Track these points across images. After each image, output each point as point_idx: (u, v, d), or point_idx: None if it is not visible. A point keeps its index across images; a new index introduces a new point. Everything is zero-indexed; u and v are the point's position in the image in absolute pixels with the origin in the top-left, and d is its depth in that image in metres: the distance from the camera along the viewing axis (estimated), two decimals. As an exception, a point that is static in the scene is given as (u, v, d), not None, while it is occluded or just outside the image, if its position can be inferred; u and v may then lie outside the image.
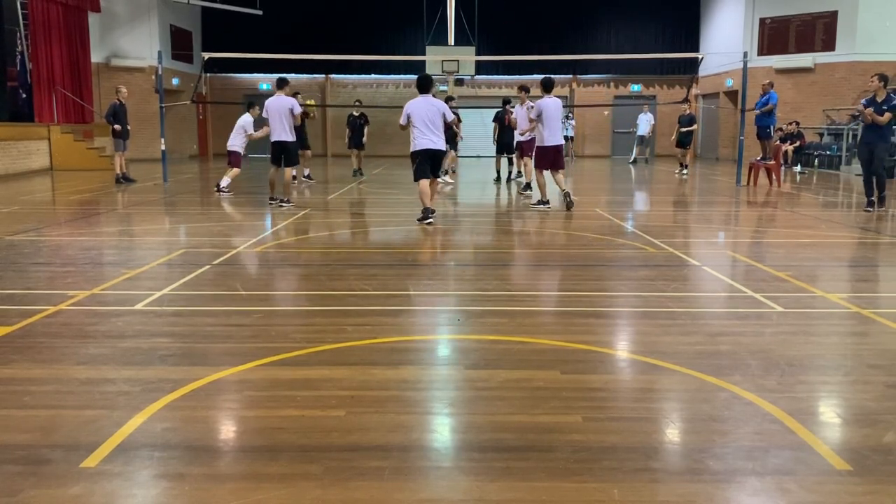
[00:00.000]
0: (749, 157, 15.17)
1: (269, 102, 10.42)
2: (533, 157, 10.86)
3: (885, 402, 3.23)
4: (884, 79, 9.84)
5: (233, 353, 3.87)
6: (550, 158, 10.34)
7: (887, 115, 9.74)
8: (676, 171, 17.89)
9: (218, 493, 2.42)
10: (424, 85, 8.87)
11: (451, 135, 16.31)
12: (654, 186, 15.17)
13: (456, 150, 16.45)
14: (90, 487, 2.44)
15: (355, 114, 16.88)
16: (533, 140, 11.42)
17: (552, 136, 10.21)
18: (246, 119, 12.26)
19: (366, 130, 17.11)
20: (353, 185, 14.92)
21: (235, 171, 12.53)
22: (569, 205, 10.23)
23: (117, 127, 14.44)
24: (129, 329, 4.30)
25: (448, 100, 17.13)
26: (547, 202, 10.48)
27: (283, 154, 10.56)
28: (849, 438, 2.89)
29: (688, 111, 18.01)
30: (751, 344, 4.05)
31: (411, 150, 8.84)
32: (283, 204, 10.52)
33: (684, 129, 18.09)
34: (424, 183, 8.80)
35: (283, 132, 10.38)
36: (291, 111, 10.32)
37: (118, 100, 14.71)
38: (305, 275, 6.15)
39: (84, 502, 2.36)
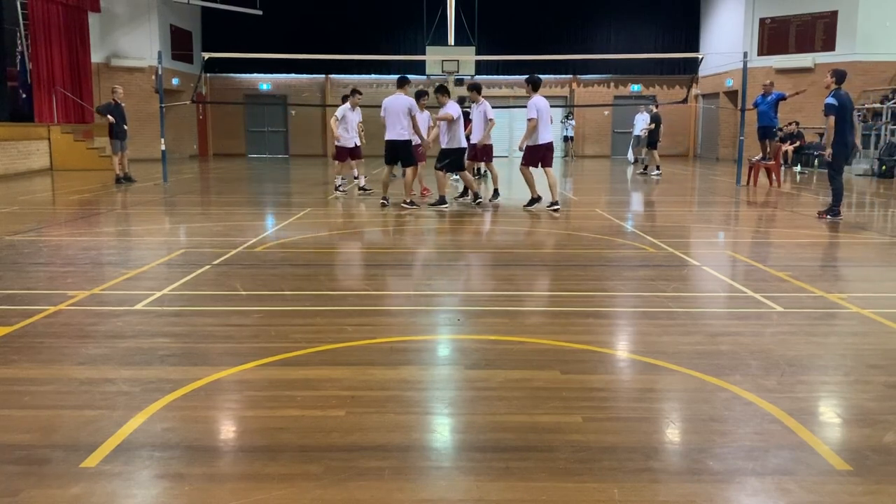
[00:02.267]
0: (749, 157, 15.19)
1: (386, 101, 10.14)
2: (523, 156, 10.56)
3: (885, 402, 3.23)
4: (836, 74, 9.15)
5: (233, 353, 3.87)
6: (541, 156, 10.24)
7: (830, 121, 8.92)
8: (654, 173, 17.60)
9: (218, 493, 2.42)
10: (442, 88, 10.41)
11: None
12: (653, 186, 15.16)
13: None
14: (90, 487, 2.44)
15: None
16: (489, 146, 11.46)
17: (546, 133, 10.15)
18: (344, 108, 11.92)
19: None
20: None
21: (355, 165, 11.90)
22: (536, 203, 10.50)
23: (111, 118, 14.31)
24: (129, 329, 4.30)
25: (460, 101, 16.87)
26: (539, 198, 10.43)
27: (396, 154, 10.31)
28: (849, 438, 2.89)
29: (654, 110, 18.05)
30: (751, 344, 4.05)
31: (452, 146, 10.43)
32: (405, 206, 10.27)
33: (647, 128, 18.15)
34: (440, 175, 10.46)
35: (397, 131, 10.08)
36: (409, 111, 10.02)
37: (113, 100, 14.64)
38: (305, 275, 6.15)
39: (84, 502, 2.36)
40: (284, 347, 3.92)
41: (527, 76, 10.35)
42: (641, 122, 21.62)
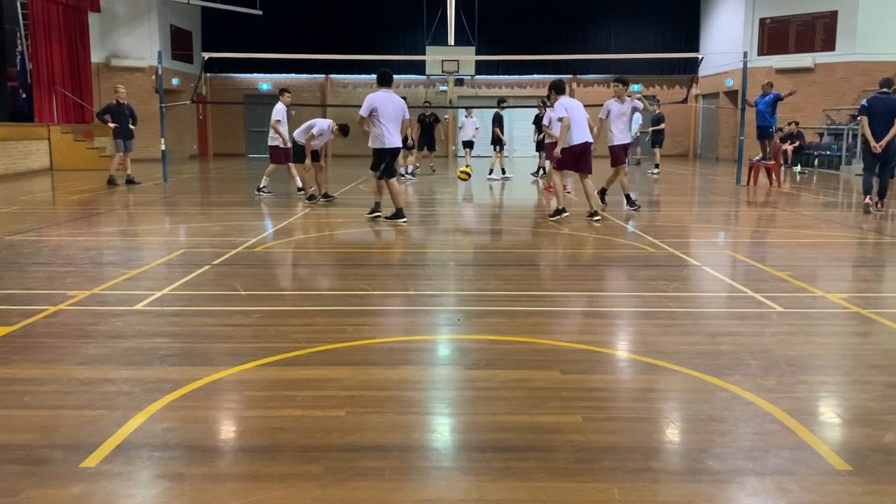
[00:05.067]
0: (749, 157, 15.19)
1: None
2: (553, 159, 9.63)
3: (885, 402, 3.23)
4: (882, 81, 10.08)
5: (233, 353, 3.87)
6: (576, 158, 9.32)
7: (861, 120, 9.91)
8: (650, 171, 18.05)
9: (218, 493, 2.42)
10: (387, 79, 8.95)
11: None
12: (652, 187, 15.16)
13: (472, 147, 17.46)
14: (90, 487, 2.44)
15: (426, 113, 17.32)
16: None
17: (580, 132, 9.15)
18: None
19: (439, 129, 17.48)
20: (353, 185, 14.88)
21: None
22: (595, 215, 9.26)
23: (112, 125, 14.28)
24: (129, 329, 4.30)
25: (500, 102, 17.07)
26: (564, 210, 9.40)
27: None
28: (849, 438, 2.88)
29: (657, 110, 18.24)
30: (751, 344, 4.05)
31: (381, 146, 8.87)
32: (307, 201, 11.51)
33: (653, 129, 18.44)
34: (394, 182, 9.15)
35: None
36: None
37: (116, 100, 14.61)
38: (305, 275, 6.15)
39: (84, 502, 2.36)
40: (284, 347, 3.92)
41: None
42: (633, 123, 21.67)
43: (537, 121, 16.37)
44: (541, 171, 15.90)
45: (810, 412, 3.15)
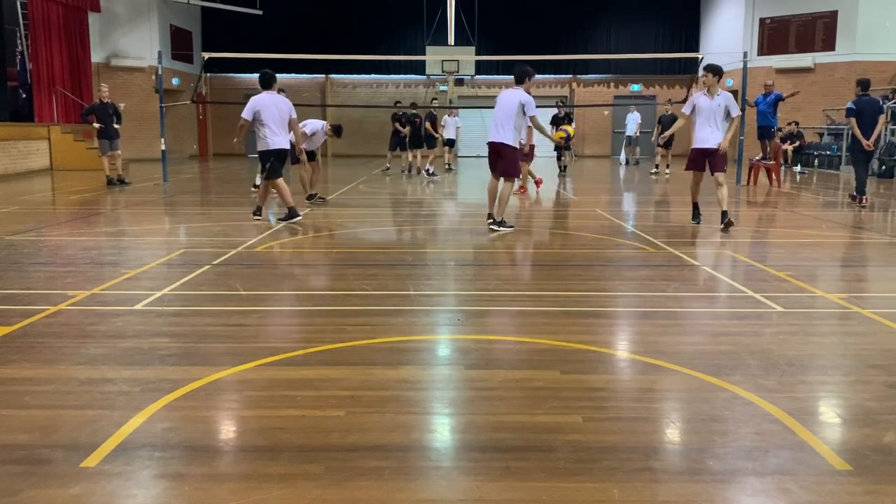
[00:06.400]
0: (749, 157, 15.20)
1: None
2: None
3: (885, 402, 3.23)
4: (859, 83, 10.87)
5: (233, 353, 3.87)
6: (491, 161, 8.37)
7: (851, 121, 10.79)
8: (652, 172, 17.98)
9: (218, 493, 2.42)
10: (269, 81, 8.73)
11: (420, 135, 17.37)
12: (652, 187, 15.16)
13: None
14: (90, 487, 2.44)
15: (406, 113, 17.46)
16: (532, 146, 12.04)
17: (492, 131, 8.34)
18: None
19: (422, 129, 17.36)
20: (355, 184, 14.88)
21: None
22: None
23: (96, 125, 14.24)
24: (129, 329, 4.30)
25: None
26: (501, 221, 8.31)
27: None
28: (849, 438, 2.88)
29: (669, 111, 18.17)
30: (751, 344, 4.05)
31: (266, 148, 8.70)
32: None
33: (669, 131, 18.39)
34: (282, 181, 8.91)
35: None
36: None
37: (99, 99, 14.55)
38: (305, 275, 6.15)
39: (84, 502, 2.36)
40: (284, 347, 3.92)
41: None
42: (632, 122, 21.67)
43: (555, 120, 16.53)
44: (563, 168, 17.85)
45: (810, 412, 3.15)
